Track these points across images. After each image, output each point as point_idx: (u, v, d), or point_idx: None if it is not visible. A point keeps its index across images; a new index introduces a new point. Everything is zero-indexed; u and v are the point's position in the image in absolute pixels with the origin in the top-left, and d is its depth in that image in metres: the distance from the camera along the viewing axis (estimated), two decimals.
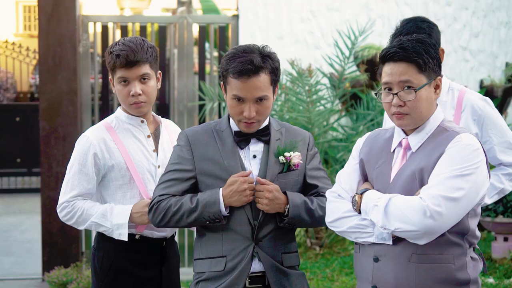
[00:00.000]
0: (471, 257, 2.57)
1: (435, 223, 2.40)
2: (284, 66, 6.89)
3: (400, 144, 2.66)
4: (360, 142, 2.81)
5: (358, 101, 7.17)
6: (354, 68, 7.19)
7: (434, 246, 2.49)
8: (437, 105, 2.66)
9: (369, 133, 2.85)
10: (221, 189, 2.76)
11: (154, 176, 3.12)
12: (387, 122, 3.74)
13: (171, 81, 7.24)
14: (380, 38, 7.40)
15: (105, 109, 6.96)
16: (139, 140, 3.12)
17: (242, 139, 2.83)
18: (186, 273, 4.79)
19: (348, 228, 2.64)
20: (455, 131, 2.57)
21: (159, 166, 3.13)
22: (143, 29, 7.05)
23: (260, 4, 7.32)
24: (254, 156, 2.85)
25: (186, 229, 6.51)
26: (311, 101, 6.41)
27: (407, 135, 2.65)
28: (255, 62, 2.71)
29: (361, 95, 7.15)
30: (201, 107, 6.99)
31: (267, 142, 2.85)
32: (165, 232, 3.14)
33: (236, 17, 7.13)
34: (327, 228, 2.97)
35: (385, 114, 3.81)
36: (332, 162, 6.80)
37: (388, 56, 2.60)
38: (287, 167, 2.82)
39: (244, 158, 2.84)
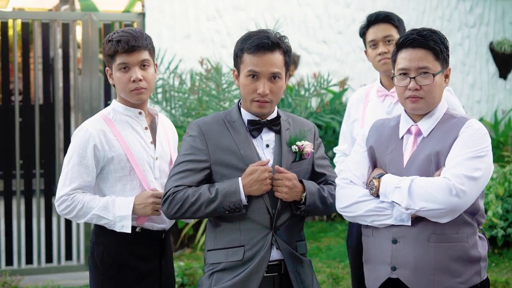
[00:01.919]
0: (479, 236, 2.73)
1: (460, 201, 2.54)
2: (191, 65, 6.88)
3: (409, 131, 2.77)
4: (365, 131, 2.90)
5: None
6: None
7: (451, 226, 2.62)
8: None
9: (373, 122, 2.95)
10: (240, 178, 2.75)
11: (153, 168, 3.06)
12: (352, 114, 3.85)
13: (74, 80, 7.00)
14: None
15: None
16: (137, 132, 3.06)
17: (254, 128, 2.84)
18: None
19: (365, 212, 2.71)
20: (464, 117, 2.72)
21: (157, 158, 3.08)
22: (45, 26, 6.77)
23: (166, 3, 7.26)
24: (267, 146, 2.86)
25: None
26: (228, 99, 6.42)
27: (415, 122, 2.76)
28: (271, 38, 2.76)
29: None
30: (106, 105, 6.80)
31: (278, 132, 2.87)
32: (165, 224, 3.09)
33: (142, 15, 7.03)
34: None
35: (348, 105, 3.93)
36: None
37: (407, 42, 2.71)
38: (299, 156, 2.86)
39: (258, 148, 2.85)
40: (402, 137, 2.78)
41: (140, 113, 3.07)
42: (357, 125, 3.79)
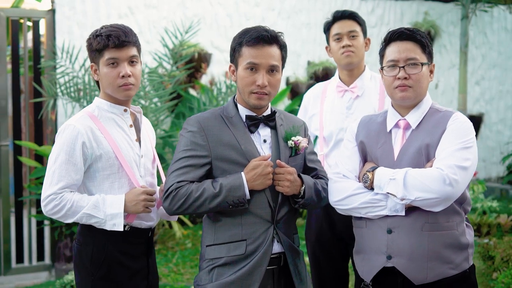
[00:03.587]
0: (466, 224, 2.86)
1: (453, 190, 2.66)
2: None
3: (397, 125, 2.87)
4: (353, 127, 3.00)
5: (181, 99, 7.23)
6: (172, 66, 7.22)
7: (443, 214, 2.75)
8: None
9: (360, 118, 3.03)
10: (243, 173, 2.75)
11: (138, 166, 3.01)
12: (309, 109, 3.93)
13: None
14: (196, 37, 7.52)
15: None
16: (122, 129, 3.00)
17: (252, 124, 2.86)
18: None
19: (360, 204, 2.79)
20: (449, 111, 2.86)
21: (142, 156, 3.03)
22: None
23: None
24: (264, 141, 2.89)
25: None
26: (148, 98, 6.33)
27: (402, 116, 2.86)
28: (270, 32, 2.82)
29: (182, 93, 7.23)
30: (15, 105, 6.53)
31: (273, 127, 2.91)
32: (153, 222, 3.05)
33: (52, 11, 6.80)
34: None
35: (305, 101, 4.00)
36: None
37: (395, 36, 2.85)
38: (295, 151, 2.90)
39: (256, 143, 2.87)
40: (390, 131, 2.88)
41: (125, 110, 3.02)
42: (316, 120, 3.87)
